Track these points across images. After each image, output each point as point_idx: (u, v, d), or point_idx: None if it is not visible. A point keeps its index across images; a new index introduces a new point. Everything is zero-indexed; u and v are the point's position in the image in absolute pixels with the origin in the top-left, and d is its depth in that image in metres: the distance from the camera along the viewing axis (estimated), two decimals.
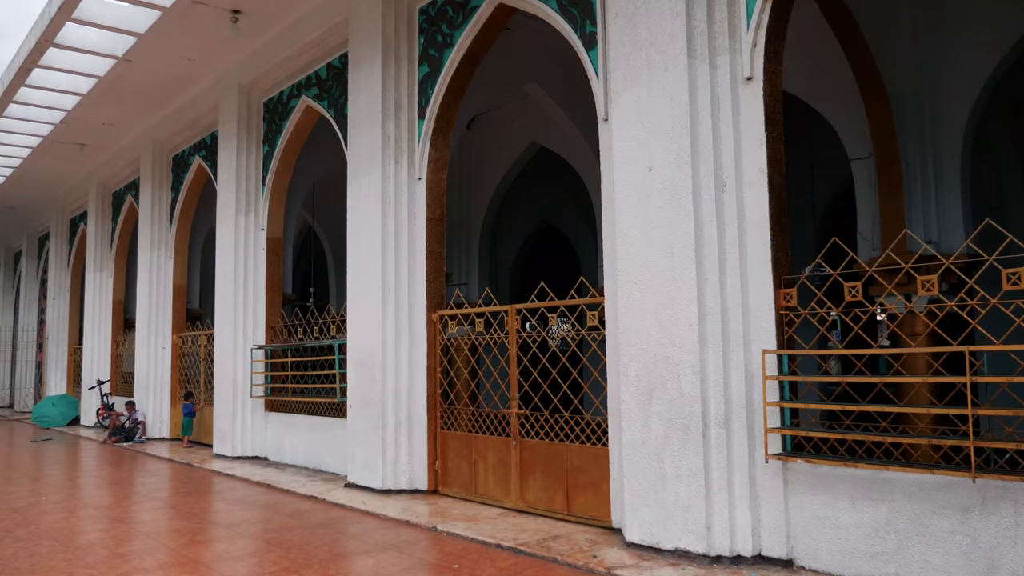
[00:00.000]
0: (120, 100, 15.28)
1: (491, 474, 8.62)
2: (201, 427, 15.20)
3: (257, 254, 13.18)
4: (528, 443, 8.20)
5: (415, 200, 9.73)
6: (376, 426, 9.54)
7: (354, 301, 10.11)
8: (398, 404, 9.50)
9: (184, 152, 16.23)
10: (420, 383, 9.44)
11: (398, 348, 9.54)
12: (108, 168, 19.53)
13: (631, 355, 6.61)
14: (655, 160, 6.53)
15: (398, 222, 9.70)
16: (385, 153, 9.79)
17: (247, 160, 13.31)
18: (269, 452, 12.73)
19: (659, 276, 6.43)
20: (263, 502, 9.26)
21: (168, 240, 16.72)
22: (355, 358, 9.99)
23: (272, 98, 13.06)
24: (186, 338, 16.08)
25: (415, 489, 9.41)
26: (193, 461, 12.84)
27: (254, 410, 12.94)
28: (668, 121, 6.45)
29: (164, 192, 16.86)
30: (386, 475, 9.42)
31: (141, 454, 14.39)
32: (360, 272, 9.99)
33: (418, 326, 9.53)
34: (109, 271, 20.10)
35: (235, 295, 13.09)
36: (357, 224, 10.15)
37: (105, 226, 20.34)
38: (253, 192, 13.29)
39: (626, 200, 6.74)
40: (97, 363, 20.04)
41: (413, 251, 9.66)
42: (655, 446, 6.37)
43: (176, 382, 16.37)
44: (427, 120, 9.64)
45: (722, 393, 6.11)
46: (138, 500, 9.63)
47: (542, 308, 8.21)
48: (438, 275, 9.64)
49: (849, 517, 5.60)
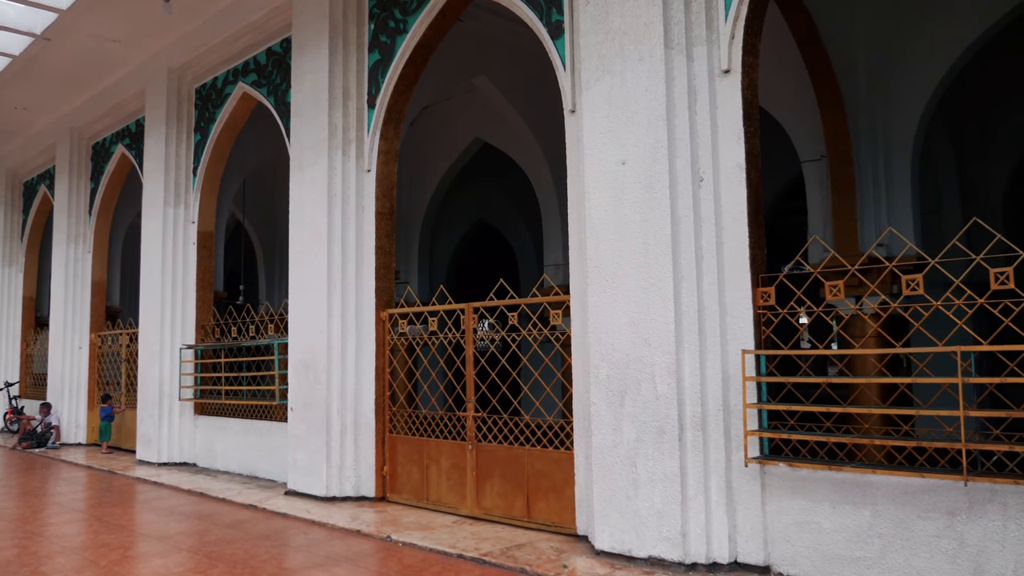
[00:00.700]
0: (36, 82, 14.30)
1: (444, 480, 8.25)
2: (122, 432, 14.33)
3: (187, 248, 12.46)
4: (485, 447, 7.86)
5: (363, 193, 9.29)
6: (320, 430, 9.05)
7: (296, 298, 9.59)
8: (344, 407, 9.04)
9: (105, 140, 15.30)
10: (367, 384, 9.00)
11: (344, 348, 9.08)
12: (19, 155, 18.33)
13: (602, 355, 6.35)
14: (628, 153, 6.29)
15: (345, 216, 9.24)
16: (332, 143, 9.31)
17: (177, 149, 12.58)
18: (199, 458, 12.04)
19: (633, 273, 6.19)
20: (197, 512, 8.67)
21: (87, 233, 15.74)
22: (297, 358, 9.47)
23: (205, 84, 12.38)
24: (106, 337, 15.16)
25: (362, 496, 8.96)
26: (115, 468, 12.05)
27: (182, 413, 12.23)
28: (643, 113, 6.22)
29: (83, 182, 15.86)
30: (330, 482, 8.94)
31: (56, 461, 13.46)
32: (303, 268, 9.49)
33: (366, 325, 9.09)
34: (19, 266, 18.88)
35: (162, 292, 12.36)
36: (300, 217, 9.63)
37: (15, 218, 19.10)
38: (183, 183, 12.57)
39: (597, 194, 6.48)
40: (5, 364, 18.80)
41: (361, 246, 9.21)
42: (627, 450, 6.13)
43: (94, 384, 15.41)
44: (377, 109, 9.21)
45: (699, 395, 5.90)
46: (57, 512, 8.90)
47: (501, 307, 7.89)
48: (387, 272, 9.22)
49: (830, 522, 5.46)
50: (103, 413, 14.42)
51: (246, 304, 17.39)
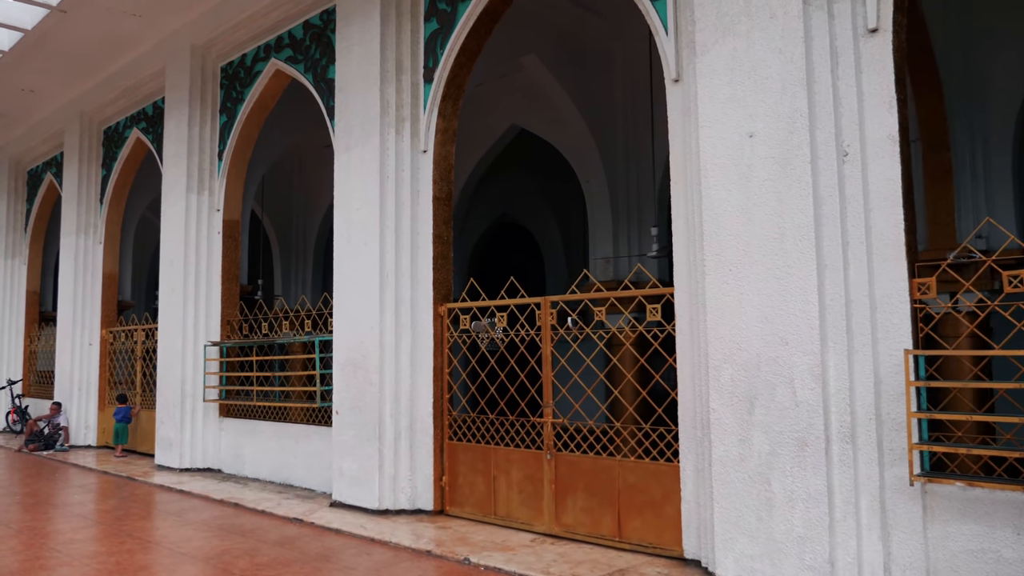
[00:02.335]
0: (47, 61, 13.42)
1: (516, 492, 7.44)
2: (137, 434, 13.47)
3: (211, 238, 11.61)
4: (566, 457, 7.06)
5: (419, 176, 8.47)
6: (370, 436, 8.23)
7: (343, 292, 8.76)
8: (398, 410, 8.22)
9: (119, 124, 14.42)
10: (424, 386, 8.19)
11: (398, 346, 8.27)
12: (24, 143, 17.41)
13: (724, 355, 5.55)
14: (758, 125, 5.49)
15: (399, 201, 8.42)
16: (384, 121, 8.49)
17: (200, 132, 11.72)
18: (224, 464, 11.20)
19: (764, 261, 5.40)
20: (237, 526, 7.83)
21: (97, 223, 14.86)
22: (343, 357, 8.64)
23: (232, 62, 11.53)
24: (118, 333, 14.29)
25: (418, 509, 8.14)
26: (133, 473, 11.19)
27: (206, 415, 11.38)
28: (776, 78, 5.43)
29: (93, 169, 14.97)
30: (383, 493, 8.13)
31: (66, 465, 12.59)
32: (351, 258, 8.66)
33: (422, 320, 8.27)
34: (23, 258, 17.97)
35: (184, 285, 11.50)
36: (347, 203, 8.80)
37: (18, 208, 18.19)
38: (207, 168, 11.72)
39: (718, 172, 5.68)
40: (8, 360, 17.89)
41: (416, 234, 8.39)
42: (758, 464, 5.33)
43: (105, 383, 14.53)
44: (435, 84, 8.39)
45: (847, 401, 5.11)
46: (80, 525, 8.05)
47: (585, 300, 7.09)
48: (445, 262, 8.41)
49: (1013, 551, 4.67)
50: (119, 414, 13.58)
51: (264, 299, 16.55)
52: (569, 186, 17.31)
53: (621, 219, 11.96)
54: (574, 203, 17.45)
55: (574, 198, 17.40)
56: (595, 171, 11.95)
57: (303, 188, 18.40)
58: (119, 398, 13.83)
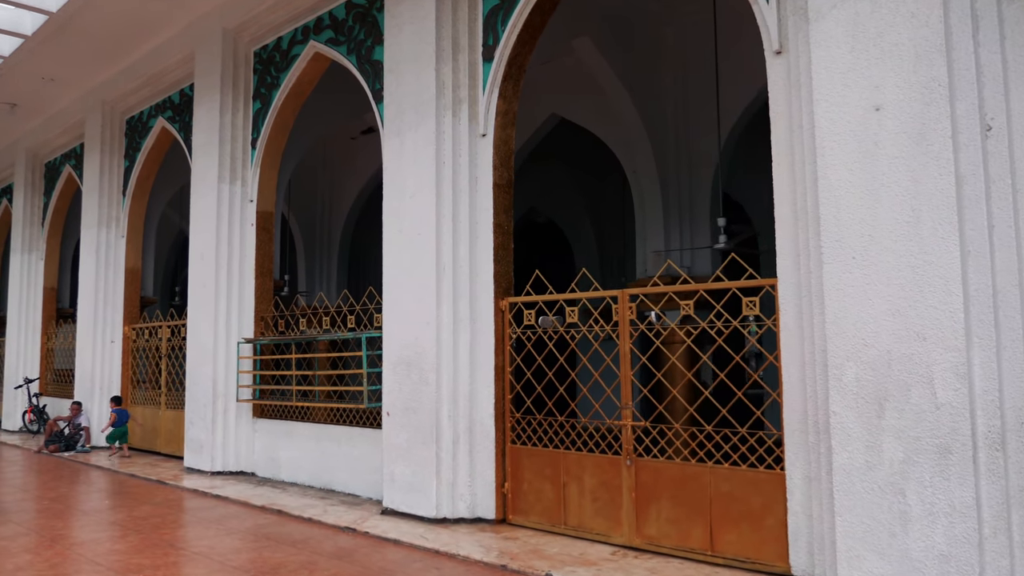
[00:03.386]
0: (69, 48, 12.91)
1: (589, 500, 6.90)
2: (161, 435, 12.96)
3: (244, 230, 11.09)
4: (648, 463, 6.52)
5: (477, 162, 7.94)
6: (426, 439, 7.70)
7: (394, 285, 8.23)
8: (456, 412, 7.69)
9: (143, 114, 13.91)
10: (484, 386, 7.66)
11: (456, 343, 7.74)
12: (41, 134, 16.92)
13: (847, 353, 5.01)
14: (886, 96, 4.95)
15: (456, 188, 7.89)
16: (439, 103, 7.96)
17: (233, 119, 11.20)
18: (258, 467, 10.67)
19: (894, 248, 4.85)
20: (285, 536, 7.30)
21: (120, 216, 14.35)
22: (395, 355, 8.11)
23: (267, 46, 11.01)
24: (141, 330, 13.77)
25: (478, 518, 7.61)
26: (163, 477, 10.67)
27: (239, 416, 10.85)
28: (909, 44, 4.88)
29: (115, 160, 14.46)
30: (441, 500, 7.60)
31: (90, 467, 12.08)
32: (404, 249, 8.13)
33: (482, 316, 7.74)
34: (40, 253, 17.46)
35: (216, 279, 10.97)
36: (398, 191, 8.27)
37: (35, 201, 17.69)
38: (240, 157, 11.19)
39: (837, 150, 5.14)
40: (24, 358, 17.39)
41: (475, 224, 7.86)
42: (890, 473, 4.79)
43: (127, 381, 14.03)
44: (495, 63, 7.86)
45: (996, 403, 4.56)
46: (118, 534, 7.52)
47: (670, 293, 6.55)
48: (506, 253, 7.87)
49: None
50: (123, 417, 13.31)
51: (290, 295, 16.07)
52: (606, 182, 16.82)
53: (672, 211, 11.42)
54: (611, 199, 16.94)
55: (611, 193, 16.90)
56: (645, 162, 11.41)
57: (328, 181, 17.90)
58: (116, 399, 13.44)
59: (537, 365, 7.43)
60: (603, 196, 17.09)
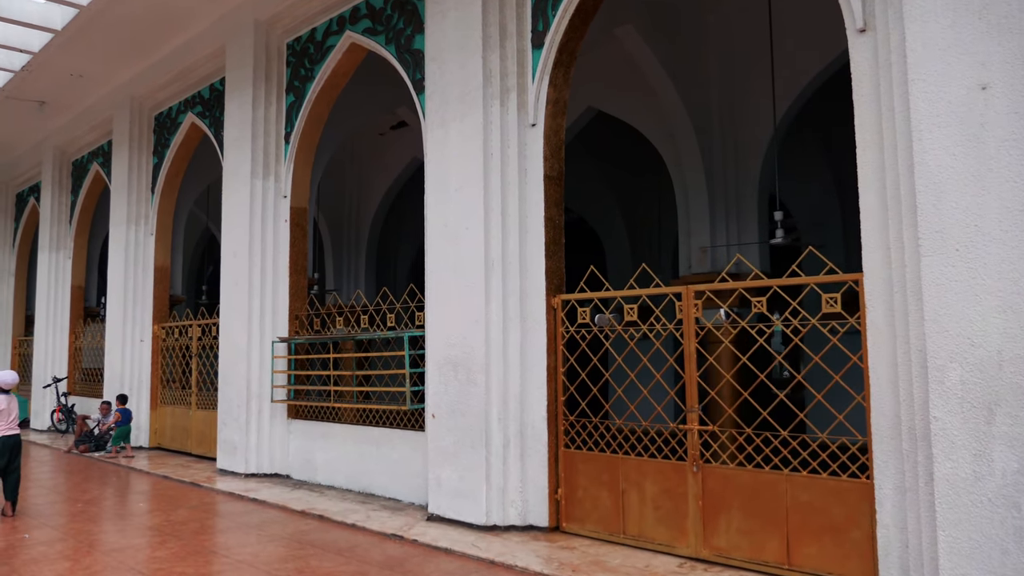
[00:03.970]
0: (97, 43, 12.68)
1: (651, 508, 6.53)
2: (192, 435, 12.72)
3: (278, 227, 10.80)
4: (716, 470, 6.14)
5: (527, 153, 7.58)
6: (475, 443, 7.36)
7: (439, 281, 7.90)
8: (506, 414, 7.35)
9: (171, 109, 13.66)
10: (536, 387, 7.30)
11: (506, 342, 7.39)
12: (69, 131, 16.73)
13: (950, 353, 4.61)
14: (993, 74, 4.54)
15: (505, 180, 7.54)
16: (486, 92, 7.62)
17: (266, 113, 10.91)
18: (293, 469, 10.38)
19: (1006, 240, 4.44)
20: (330, 543, 6.99)
21: (149, 214, 14.11)
22: (441, 355, 7.78)
23: (300, 37, 10.71)
24: (171, 329, 13.53)
25: (529, 525, 7.26)
26: (196, 479, 10.40)
27: (273, 417, 10.57)
28: (1019, 17, 4.48)
29: (144, 157, 14.24)
30: (491, 507, 7.26)
31: (121, 467, 11.84)
32: (448, 245, 7.79)
33: (533, 314, 7.39)
34: (67, 251, 17.29)
35: (249, 277, 10.69)
36: (443, 184, 7.93)
37: (63, 200, 17.51)
38: (272, 152, 10.90)
39: (937, 133, 4.74)
40: (52, 357, 17.23)
41: (525, 217, 7.51)
42: (1002, 485, 4.39)
43: (157, 381, 13.80)
44: (545, 50, 7.50)
45: None
46: (157, 540, 7.23)
47: (740, 290, 6.17)
48: (558, 248, 7.52)
49: None
50: (128, 416, 13.24)
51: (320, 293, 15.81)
52: (641, 179, 16.41)
53: (719, 206, 11.01)
54: (646, 194, 16.54)
55: (645, 189, 16.49)
56: (690, 154, 11.00)
57: (356, 178, 17.60)
58: (122, 399, 13.30)
59: (592, 365, 7.06)
60: (637, 192, 16.67)
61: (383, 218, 17.72)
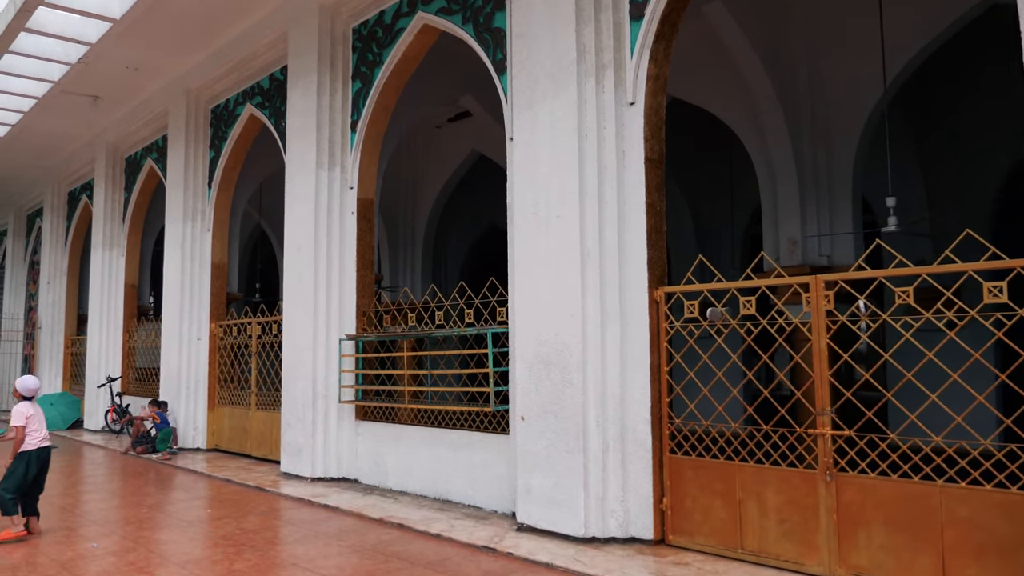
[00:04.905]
0: (155, 34, 12.36)
1: (774, 521, 5.93)
2: (251, 436, 12.35)
3: (344, 220, 10.35)
4: (853, 480, 5.52)
5: (625, 134, 7.01)
6: (571, 447, 6.82)
7: (527, 275, 7.36)
8: (604, 417, 6.79)
9: (229, 101, 13.31)
10: (638, 387, 6.73)
11: (604, 338, 6.84)
12: (122, 127, 16.51)
13: None
14: None
15: (602, 164, 6.99)
16: (580, 69, 7.07)
17: (331, 101, 10.47)
18: (361, 473, 9.92)
19: None
20: (417, 555, 6.49)
21: (205, 209, 13.78)
22: (531, 352, 7.24)
23: (367, 21, 10.25)
24: (229, 327, 13.18)
25: (631, 538, 6.69)
26: (261, 483, 9.99)
27: (340, 419, 10.12)
28: None
29: (200, 151, 13.91)
30: (589, 517, 6.70)
31: (181, 470, 11.50)
32: (539, 235, 7.26)
33: (633, 307, 6.81)
34: (120, 249, 17.07)
35: (315, 272, 10.25)
36: (532, 169, 7.40)
37: (116, 197, 17.31)
38: (338, 141, 10.46)
39: None
40: (105, 357, 17.00)
41: (623, 203, 6.94)
42: None
43: (215, 380, 13.46)
44: (646, 22, 6.93)
45: None
46: (234, 550, 6.79)
47: (880, 278, 5.55)
48: (660, 237, 6.94)
49: None
50: (167, 421, 13.11)
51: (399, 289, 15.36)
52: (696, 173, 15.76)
53: (809, 194, 10.34)
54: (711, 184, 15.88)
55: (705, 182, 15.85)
56: (779, 139, 10.34)
57: (411, 171, 17.11)
58: (159, 403, 13.26)
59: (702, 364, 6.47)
60: (697, 184, 16.00)
61: (440, 212, 17.25)
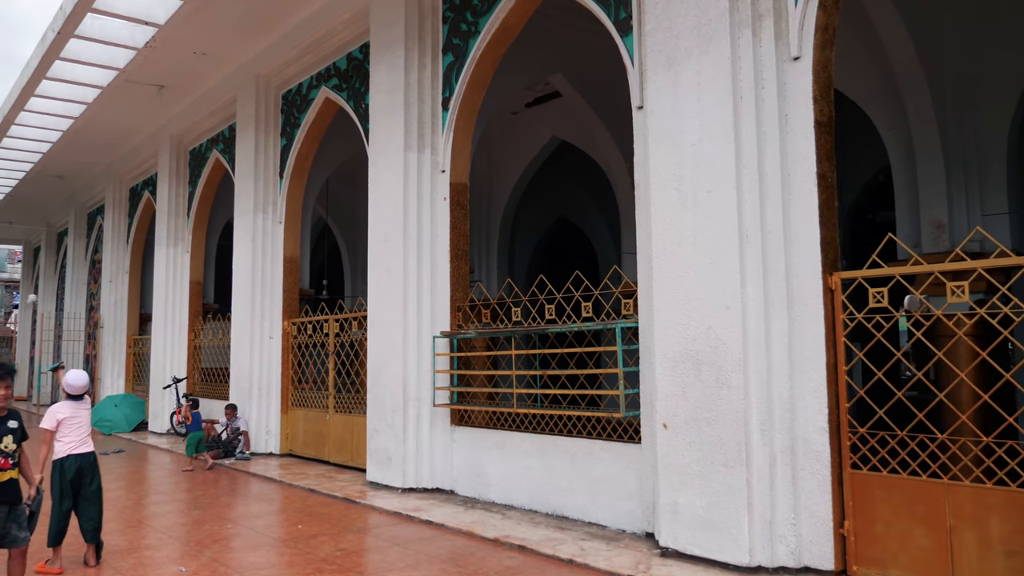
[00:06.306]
0: (224, 17, 11.71)
1: (1000, 555, 4.88)
2: (330, 441, 11.55)
3: (435, 205, 9.48)
4: None
5: (787, 94, 6.00)
6: (730, 460, 5.82)
7: (668, 260, 6.37)
8: (771, 425, 5.78)
9: (301, 85, 12.56)
10: (811, 391, 5.71)
11: (768, 333, 5.83)
12: (186, 118, 15.90)
13: None
14: None
15: (761, 130, 5.98)
16: (733, 20, 6.08)
17: (419, 77, 9.61)
18: (457, 484, 9.03)
19: None
20: None
21: (277, 200, 13.06)
22: (676, 350, 6.25)
23: None
24: (303, 325, 12.41)
25: (805, 567, 5.67)
26: (349, 495, 9.15)
27: (433, 424, 9.25)
28: None
29: (271, 140, 13.19)
30: (754, 542, 5.70)
31: (256, 477, 10.75)
32: (684, 213, 6.27)
33: (803, 297, 5.79)
34: (185, 245, 16.48)
35: (404, 263, 9.39)
36: (675, 138, 6.41)
37: (180, 191, 16.72)
38: (428, 121, 9.59)
39: None
40: (170, 356, 16.40)
41: (789, 175, 5.92)
42: None
43: (288, 381, 12.72)
44: None
45: None
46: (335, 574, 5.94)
47: None
48: (832, 214, 5.90)
49: None
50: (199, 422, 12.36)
51: None
52: None
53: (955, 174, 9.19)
54: None
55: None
56: (924, 112, 9.19)
57: (487, 155, 16.15)
58: (193, 403, 12.52)
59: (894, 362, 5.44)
60: None
61: (516, 203, 16.32)
